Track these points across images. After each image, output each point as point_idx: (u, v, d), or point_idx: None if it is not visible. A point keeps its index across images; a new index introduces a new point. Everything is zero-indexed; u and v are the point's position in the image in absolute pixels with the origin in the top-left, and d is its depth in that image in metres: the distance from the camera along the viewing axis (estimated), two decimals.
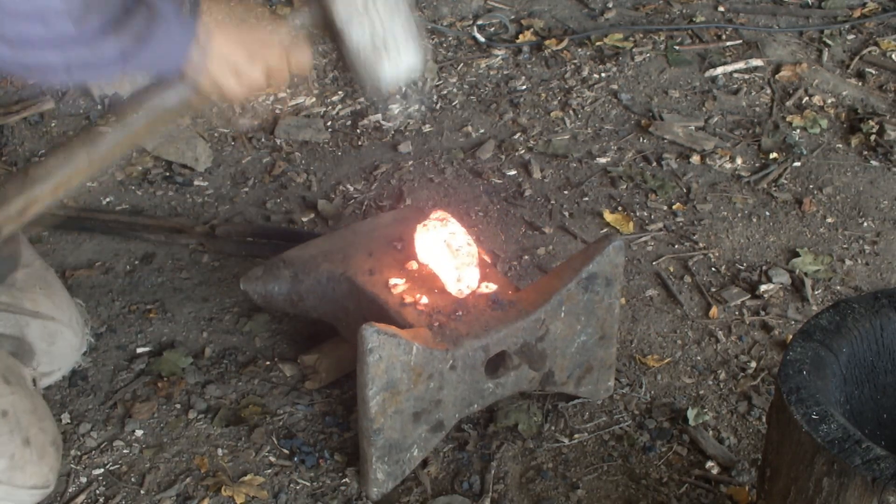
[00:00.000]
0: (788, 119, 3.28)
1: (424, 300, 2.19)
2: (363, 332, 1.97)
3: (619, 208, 2.95)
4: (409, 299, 2.19)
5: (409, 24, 1.86)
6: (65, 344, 2.37)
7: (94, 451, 2.29)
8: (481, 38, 3.66)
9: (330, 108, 3.37)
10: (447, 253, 2.20)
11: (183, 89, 1.81)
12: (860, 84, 3.44)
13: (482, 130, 3.27)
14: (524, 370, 2.20)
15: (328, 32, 1.87)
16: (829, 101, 3.36)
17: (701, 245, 2.83)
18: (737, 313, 2.62)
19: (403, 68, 1.88)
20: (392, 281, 2.24)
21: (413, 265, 2.26)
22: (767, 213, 2.93)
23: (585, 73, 3.49)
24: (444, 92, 3.42)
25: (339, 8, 1.82)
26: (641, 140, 3.21)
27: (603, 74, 3.49)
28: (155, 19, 1.65)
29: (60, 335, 2.35)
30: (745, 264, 2.77)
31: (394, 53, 1.85)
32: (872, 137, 3.18)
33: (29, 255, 2.36)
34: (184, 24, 1.71)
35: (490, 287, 2.21)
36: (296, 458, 2.26)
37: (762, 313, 2.62)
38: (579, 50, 3.61)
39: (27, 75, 1.63)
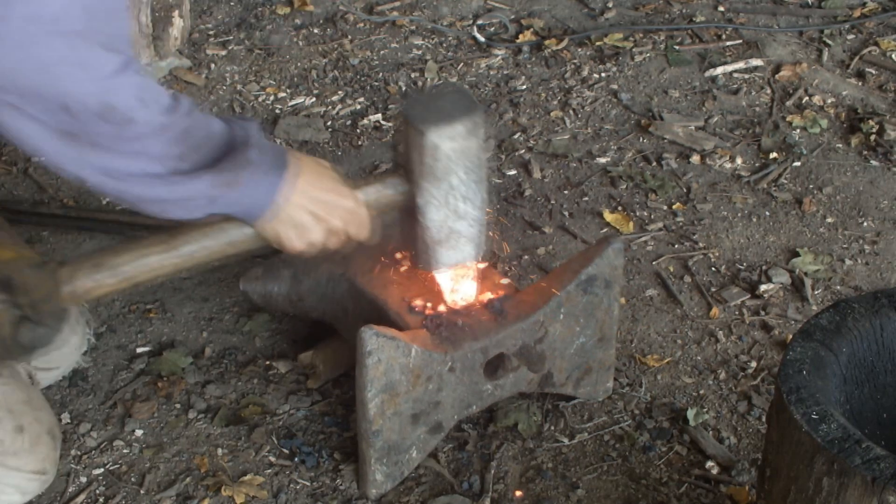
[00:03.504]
0: (788, 119, 3.28)
1: (424, 302, 2.19)
2: (362, 335, 1.97)
3: (619, 208, 2.95)
4: (408, 301, 2.19)
5: (477, 223, 2.03)
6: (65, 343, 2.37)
7: (94, 451, 2.29)
8: (481, 38, 3.66)
9: (330, 107, 3.37)
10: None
11: (247, 230, 1.88)
12: (860, 84, 3.44)
13: None
14: (523, 372, 2.20)
15: (400, 208, 2.01)
16: (829, 100, 3.36)
17: (701, 245, 2.82)
18: (737, 313, 2.62)
19: (460, 257, 2.07)
20: (393, 284, 2.24)
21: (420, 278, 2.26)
22: (767, 213, 2.93)
23: (585, 73, 3.49)
24: None
25: (425, 192, 1.96)
26: (641, 140, 3.21)
27: (603, 74, 3.49)
28: (247, 167, 1.76)
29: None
30: (745, 264, 2.76)
31: (454, 243, 2.04)
32: (872, 137, 3.18)
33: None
34: (271, 177, 1.81)
35: (489, 296, 2.21)
36: (296, 458, 2.26)
37: (762, 313, 2.62)
38: (579, 50, 3.61)
39: (127, 204, 1.78)
